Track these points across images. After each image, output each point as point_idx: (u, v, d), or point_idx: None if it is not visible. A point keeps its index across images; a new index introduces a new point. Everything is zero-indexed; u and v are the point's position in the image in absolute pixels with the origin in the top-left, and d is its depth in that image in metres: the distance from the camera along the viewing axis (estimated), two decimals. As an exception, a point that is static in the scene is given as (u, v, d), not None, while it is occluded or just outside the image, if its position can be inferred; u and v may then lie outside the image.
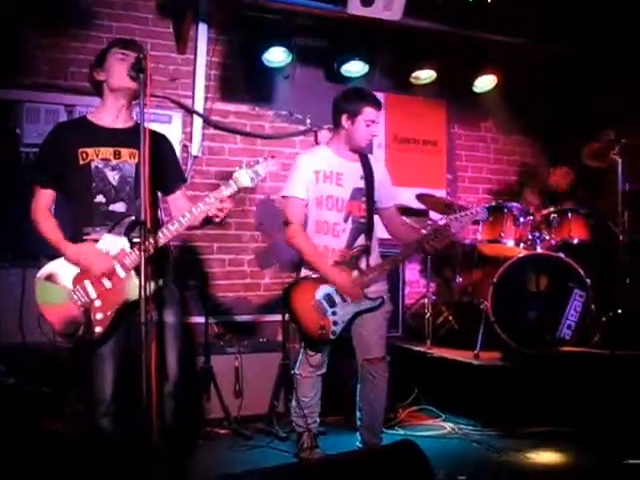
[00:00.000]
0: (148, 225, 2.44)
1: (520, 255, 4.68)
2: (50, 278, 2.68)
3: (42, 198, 2.77)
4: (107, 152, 2.76)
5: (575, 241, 4.85)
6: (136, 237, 2.59)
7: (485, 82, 5.68)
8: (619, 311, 4.68)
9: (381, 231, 3.67)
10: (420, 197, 5.10)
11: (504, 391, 4.24)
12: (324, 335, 3.33)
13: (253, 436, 4.04)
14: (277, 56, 5.07)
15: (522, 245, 4.85)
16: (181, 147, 5.01)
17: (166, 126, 4.80)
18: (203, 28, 5.15)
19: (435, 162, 6.08)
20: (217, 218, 2.73)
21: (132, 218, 2.70)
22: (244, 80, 5.32)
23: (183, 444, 2.87)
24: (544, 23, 5.14)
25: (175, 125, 5.00)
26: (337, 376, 3.81)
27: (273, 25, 4.97)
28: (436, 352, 4.78)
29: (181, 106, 5.09)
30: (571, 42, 5.39)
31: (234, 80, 5.30)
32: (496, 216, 4.87)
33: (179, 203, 2.95)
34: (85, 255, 2.65)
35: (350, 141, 3.47)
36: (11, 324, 4.02)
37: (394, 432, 4.09)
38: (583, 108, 5.85)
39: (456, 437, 4.09)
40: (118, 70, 2.72)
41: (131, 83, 2.64)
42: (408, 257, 3.87)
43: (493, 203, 5.06)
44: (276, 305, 4.97)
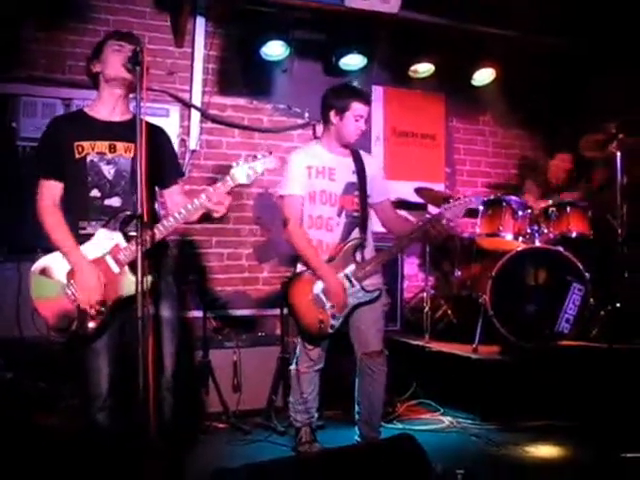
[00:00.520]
0: (145, 219, 2.42)
1: (519, 249, 4.67)
2: (44, 272, 2.65)
3: (47, 190, 2.70)
4: (103, 146, 2.73)
5: (574, 235, 4.83)
6: (131, 231, 2.58)
7: (484, 75, 5.66)
8: (618, 305, 4.66)
9: (376, 225, 3.66)
10: (418, 191, 5.10)
11: (503, 385, 4.24)
12: (323, 329, 3.34)
13: (251, 430, 4.04)
14: (275, 49, 5.05)
15: (521, 239, 4.83)
16: (179, 141, 5.00)
17: (164, 120, 4.77)
18: (201, 21, 5.13)
19: (433, 156, 6.07)
20: (217, 213, 2.69)
21: (127, 212, 2.68)
22: (242, 74, 5.31)
23: (181, 438, 2.86)
24: (543, 16, 5.11)
25: (173, 119, 4.99)
26: (336, 370, 3.80)
27: (271, 18, 4.94)
28: (435, 346, 4.79)
29: (179, 100, 5.08)
30: (570, 35, 5.36)
31: (232, 74, 5.28)
32: (495, 210, 4.85)
33: (176, 198, 2.91)
34: (81, 277, 2.59)
35: (339, 137, 3.47)
36: (8, 318, 4.02)
37: (392, 426, 4.09)
38: (582, 101, 5.84)
39: (454, 431, 4.09)
40: (114, 61, 2.69)
41: (126, 73, 2.62)
42: (404, 248, 3.85)
43: (492, 197, 5.04)
44: (274, 299, 4.98)
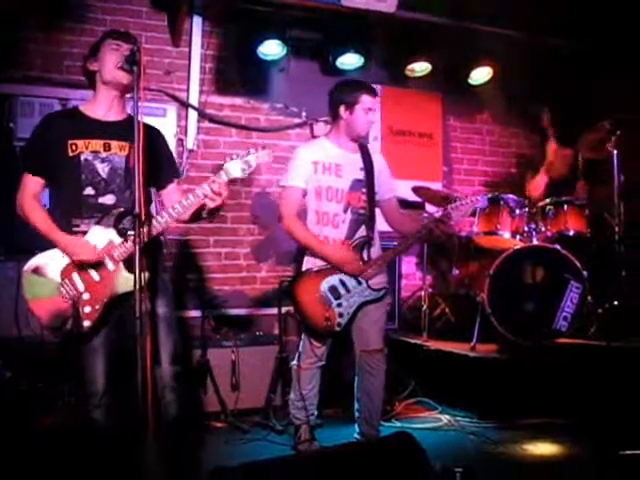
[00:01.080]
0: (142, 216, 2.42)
1: (516, 247, 4.67)
2: (37, 271, 2.64)
3: (30, 185, 2.71)
4: (97, 144, 2.73)
5: (571, 233, 4.83)
6: (125, 228, 2.58)
7: (480, 74, 5.66)
8: (615, 303, 4.67)
9: (380, 224, 3.66)
10: (416, 190, 5.09)
11: (500, 383, 4.24)
12: (329, 327, 3.36)
13: (250, 429, 4.05)
14: (272, 49, 5.05)
15: (518, 237, 4.84)
16: (176, 141, 4.99)
17: (161, 119, 4.77)
18: (198, 21, 5.12)
19: (431, 154, 6.07)
20: (213, 203, 2.64)
21: (121, 209, 2.68)
22: (239, 73, 5.30)
23: (179, 437, 2.85)
24: (539, 14, 5.12)
25: (170, 118, 4.98)
26: (335, 368, 3.81)
27: (268, 18, 4.93)
28: (432, 345, 4.79)
29: (176, 99, 5.07)
30: (567, 33, 5.37)
31: (229, 73, 5.28)
32: (492, 208, 4.86)
33: (173, 197, 2.90)
34: (74, 245, 2.60)
35: (350, 131, 3.48)
36: (6, 318, 4.01)
37: (391, 425, 4.10)
38: (580, 100, 5.84)
39: (453, 429, 4.09)
40: (110, 60, 2.69)
41: (122, 77, 2.62)
42: (410, 246, 3.82)
43: (489, 195, 5.05)
44: (272, 298, 4.96)
